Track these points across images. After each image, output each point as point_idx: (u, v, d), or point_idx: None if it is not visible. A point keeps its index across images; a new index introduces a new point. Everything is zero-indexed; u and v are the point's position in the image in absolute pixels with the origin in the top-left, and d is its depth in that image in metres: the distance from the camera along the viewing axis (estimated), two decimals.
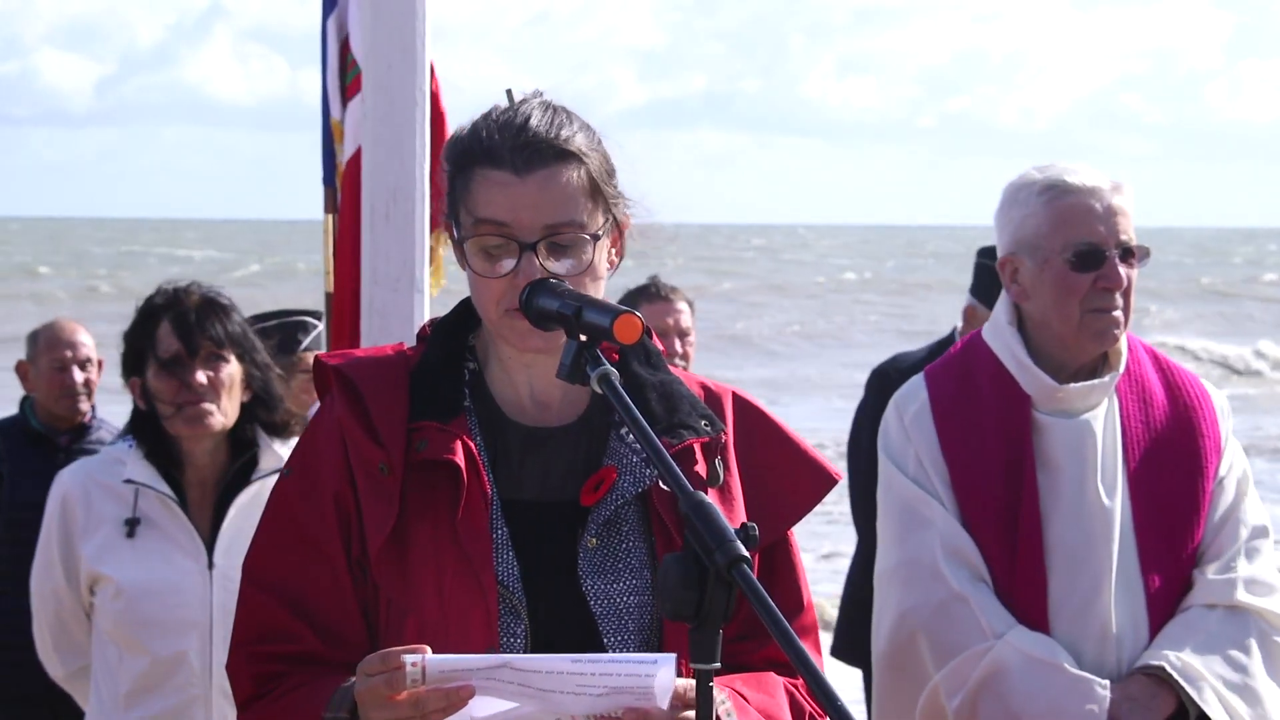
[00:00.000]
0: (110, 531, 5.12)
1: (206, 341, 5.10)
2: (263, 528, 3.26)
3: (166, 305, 5.14)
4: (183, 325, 5.10)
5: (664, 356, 3.32)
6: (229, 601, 5.05)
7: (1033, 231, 4.52)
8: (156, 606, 5.08)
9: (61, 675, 5.38)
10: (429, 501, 3.14)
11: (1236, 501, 4.58)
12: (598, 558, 3.16)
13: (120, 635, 5.11)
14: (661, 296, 7.35)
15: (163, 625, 5.08)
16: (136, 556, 5.10)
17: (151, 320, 5.14)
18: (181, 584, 5.09)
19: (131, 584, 5.08)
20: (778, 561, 3.30)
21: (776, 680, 3.22)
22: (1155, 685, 4.42)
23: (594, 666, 2.89)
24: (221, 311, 5.16)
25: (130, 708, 5.11)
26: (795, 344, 37.85)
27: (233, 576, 5.06)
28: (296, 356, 6.95)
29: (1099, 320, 4.50)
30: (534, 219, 3.13)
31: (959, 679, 4.42)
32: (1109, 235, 4.48)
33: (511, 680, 2.90)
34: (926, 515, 4.48)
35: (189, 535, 5.12)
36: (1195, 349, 35.63)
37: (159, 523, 5.13)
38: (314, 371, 3.32)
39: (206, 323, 5.12)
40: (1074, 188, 4.49)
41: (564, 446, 3.23)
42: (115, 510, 5.13)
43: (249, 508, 5.13)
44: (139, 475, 5.13)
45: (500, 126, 3.18)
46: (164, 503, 5.12)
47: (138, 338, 5.16)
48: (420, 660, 2.90)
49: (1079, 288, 4.48)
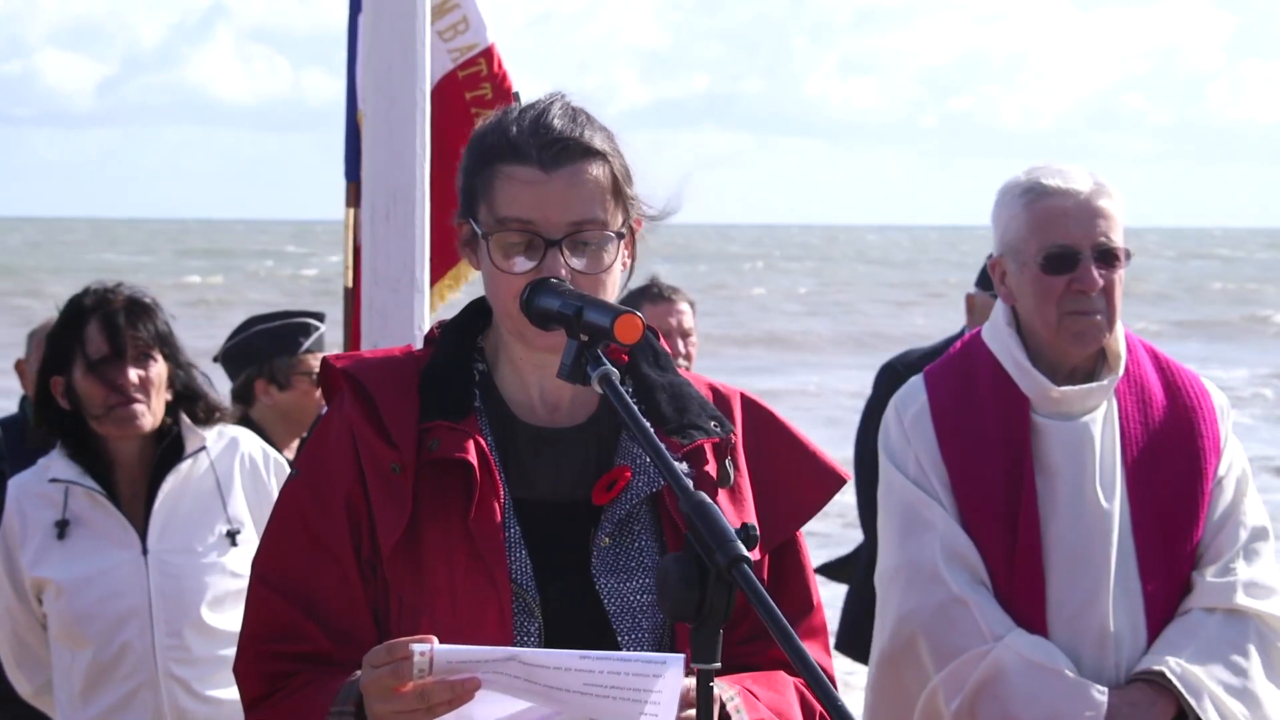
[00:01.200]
0: (44, 536, 5.15)
1: (136, 341, 5.13)
2: (272, 528, 3.26)
3: (94, 306, 5.16)
4: (111, 326, 5.12)
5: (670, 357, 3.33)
6: (165, 585, 5.09)
7: (1014, 234, 4.53)
8: (94, 599, 5.10)
9: (29, 692, 5.40)
10: (441, 501, 3.14)
11: (1236, 502, 4.57)
12: (611, 557, 3.17)
13: (65, 633, 5.15)
14: (664, 297, 7.32)
15: (103, 617, 5.10)
16: (70, 555, 5.13)
17: (78, 320, 5.16)
18: (116, 574, 5.11)
19: (70, 582, 5.11)
20: (787, 562, 3.31)
21: (787, 679, 3.23)
22: (1154, 691, 4.42)
23: (602, 664, 2.88)
24: (148, 311, 5.19)
25: (87, 704, 5.14)
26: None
27: (167, 560, 5.11)
28: (297, 358, 6.94)
29: (1076, 323, 4.49)
30: (560, 216, 3.14)
31: (958, 682, 4.42)
32: (1083, 237, 4.47)
33: (518, 674, 2.89)
34: (927, 517, 4.48)
35: (120, 526, 5.14)
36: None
37: (89, 518, 5.15)
38: (321, 373, 3.33)
39: (135, 323, 5.14)
40: (1050, 190, 4.49)
41: (574, 447, 3.23)
42: (48, 515, 5.16)
43: (177, 490, 5.17)
44: (64, 473, 5.16)
45: (525, 124, 3.18)
46: (92, 498, 5.15)
47: (64, 337, 5.18)
48: (428, 650, 2.89)
49: (1054, 290, 4.48)
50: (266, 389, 6.87)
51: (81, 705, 5.14)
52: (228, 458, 5.25)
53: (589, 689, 2.88)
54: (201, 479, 5.20)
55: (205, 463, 5.21)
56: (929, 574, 4.45)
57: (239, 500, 5.20)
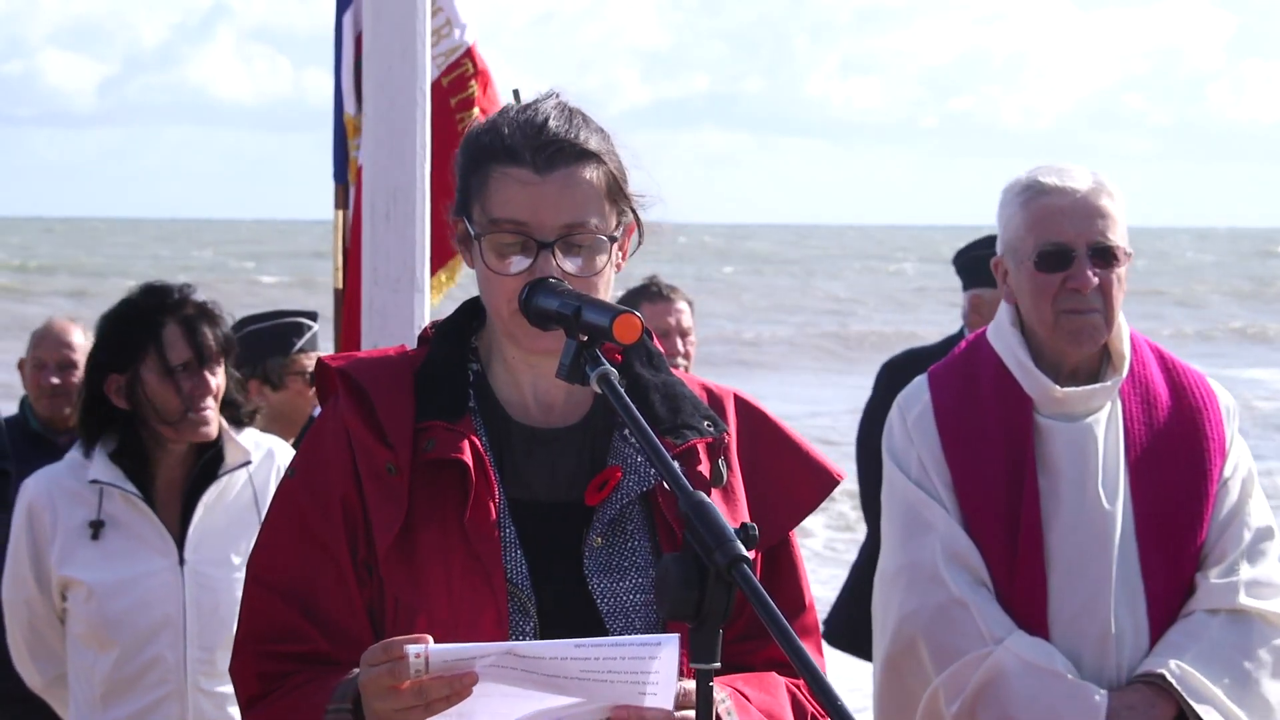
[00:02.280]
0: (76, 535, 5.13)
1: (210, 350, 5.12)
2: (268, 528, 3.26)
3: (172, 307, 5.15)
4: (193, 332, 5.11)
5: (665, 357, 3.32)
6: (201, 597, 5.07)
7: (1013, 233, 4.53)
8: (128, 605, 5.09)
9: (39, 685, 5.38)
10: (436, 501, 3.14)
11: (1241, 503, 4.56)
12: (603, 557, 3.17)
13: (93, 636, 5.13)
14: (663, 296, 7.31)
15: (135, 623, 5.09)
16: (104, 557, 5.11)
17: (153, 320, 5.13)
18: (152, 581, 5.10)
19: (101, 585, 5.09)
20: (780, 562, 3.31)
21: (779, 680, 3.23)
22: (1154, 694, 4.41)
23: (598, 650, 2.89)
24: (217, 319, 5.20)
25: (108, 708, 5.13)
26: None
27: (204, 572, 5.09)
28: (290, 358, 6.93)
29: (1072, 321, 4.48)
30: (553, 218, 3.13)
31: (958, 684, 4.42)
32: (1079, 236, 4.46)
33: (515, 666, 2.89)
34: (928, 519, 4.48)
35: (158, 533, 5.13)
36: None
37: (126, 522, 5.14)
38: (316, 374, 3.33)
39: (212, 329, 5.14)
40: (1047, 188, 4.48)
41: (568, 447, 3.23)
42: (81, 514, 5.14)
43: (217, 503, 5.17)
44: (104, 475, 5.14)
45: (520, 125, 3.18)
46: (130, 502, 5.13)
47: (135, 335, 5.14)
48: (423, 650, 2.89)
49: (1049, 289, 4.47)
50: (260, 389, 6.86)
51: (101, 708, 5.13)
52: (264, 470, 5.25)
53: (586, 675, 2.89)
54: (240, 492, 5.20)
55: (244, 476, 5.21)
56: (929, 575, 4.44)
57: None
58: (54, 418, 7.09)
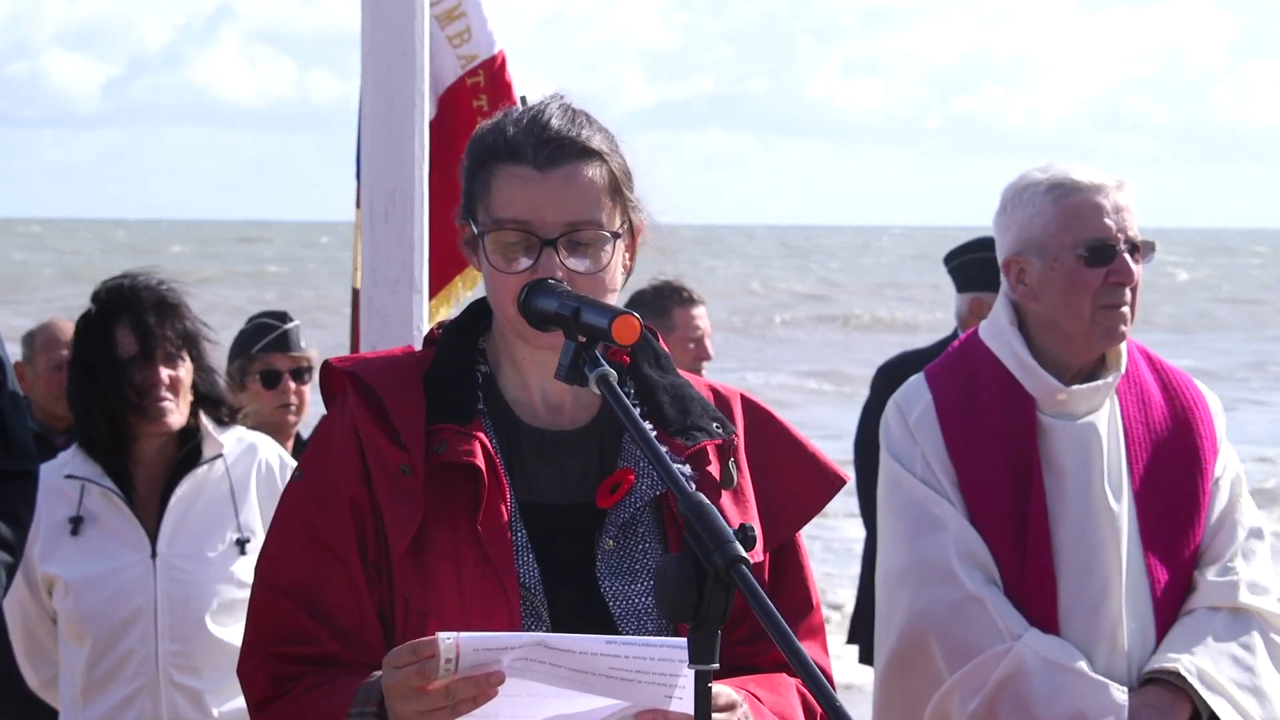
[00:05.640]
0: (57, 532, 5.15)
1: (160, 341, 5.12)
2: (275, 532, 3.24)
3: (124, 303, 5.15)
4: (140, 325, 5.12)
5: (700, 360, 3.32)
6: (173, 590, 5.08)
7: (1040, 230, 4.50)
8: (102, 599, 5.10)
9: (36, 684, 5.40)
10: (448, 504, 3.13)
11: (1233, 502, 4.58)
12: (615, 559, 3.17)
13: (71, 631, 5.15)
14: (696, 300, 7.13)
15: (109, 617, 5.09)
16: (81, 553, 5.13)
17: (108, 318, 5.15)
18: (125, 575, 5.11)
19: (76, 579, 5.11)
20: (786, 563, 3.30)
21: (789, 681, 3.23)
22: (1171, 692, 4.41)
23: (627, 649, 2.90)
24: (175, 311, 5.18)
25: (88, 704, 5.13)
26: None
27: (176, 565, 5.11)
28: (250, 357, 6.95)
29: (1110, 317, 4.49)
30: (555, 216, 3.13)
31: (977, 681, 4.40)
32: (1119, 231, 4.49)
33: (544, 660, 2.89)
34: (939, 516, 4.46)
35: (132, 527, 5.14)
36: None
37: (103, 517, 5.15)
38: (321, 376, 3.31)
39: (168, 322, 5.14)
40: (1081, 185, 4.49)
41: (577, 449, 3.23)
42: (63, 510, 5.16)
43: (189, 495, 5.17)
44: (81, 471, 5.16)
45: (523, 124, 3.18)
46: (107, 497, 5.15)
47: (92, 330, 5.16)
48: (454, 638, 2.88)
49: (1091, 283, 4.47)
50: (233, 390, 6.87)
51: (82, 705, 5.13)
52: (244, 464, 5.24)
53: (614, 672, 2.89)
54: (216, 485, 5.19)
55: (221, 469, 5.21)
56: (942, 573, 4.43)
57: (252, 508, 5.19)
58: (67, 415, 7.13)
